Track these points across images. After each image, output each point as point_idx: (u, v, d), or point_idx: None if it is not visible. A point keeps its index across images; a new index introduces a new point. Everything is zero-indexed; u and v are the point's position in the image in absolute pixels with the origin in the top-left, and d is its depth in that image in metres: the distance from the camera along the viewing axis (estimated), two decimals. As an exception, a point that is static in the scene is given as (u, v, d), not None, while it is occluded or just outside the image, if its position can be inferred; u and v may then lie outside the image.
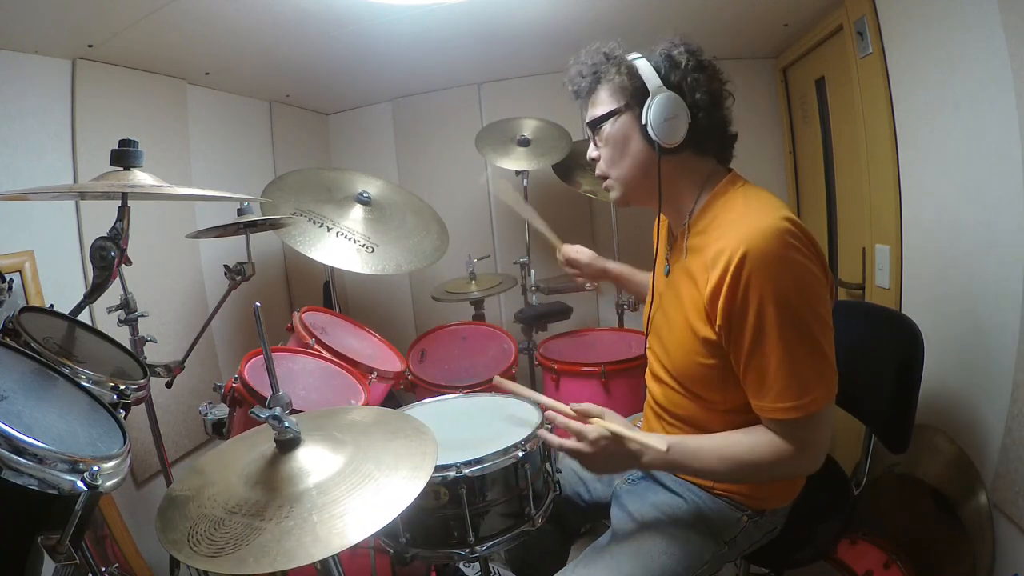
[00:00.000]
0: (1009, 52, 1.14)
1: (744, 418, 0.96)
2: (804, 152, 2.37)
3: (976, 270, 1.32)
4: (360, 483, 0.75)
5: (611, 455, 0.96)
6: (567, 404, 1.03)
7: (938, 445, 1.39)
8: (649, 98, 0.94)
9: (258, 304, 0.83)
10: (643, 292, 1.31)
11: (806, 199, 2.38)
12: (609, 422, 0.97)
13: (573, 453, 0.97)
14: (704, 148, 1.00)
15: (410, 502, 0.72)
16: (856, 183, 1.82)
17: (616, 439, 0.95)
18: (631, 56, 1.00)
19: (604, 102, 1.01)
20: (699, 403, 1.02)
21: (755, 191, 0.97)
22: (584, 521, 1.36)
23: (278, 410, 0.81)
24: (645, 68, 0.96)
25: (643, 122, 0.95)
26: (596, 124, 1.03)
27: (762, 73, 2.48)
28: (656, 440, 0.93)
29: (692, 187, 1.01)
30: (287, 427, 0.80)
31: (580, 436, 0.96)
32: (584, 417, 1.00)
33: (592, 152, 1.07)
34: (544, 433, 1.03)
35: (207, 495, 0.77)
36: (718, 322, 0.90)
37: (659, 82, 0.95)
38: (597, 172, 1.07)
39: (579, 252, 1.45)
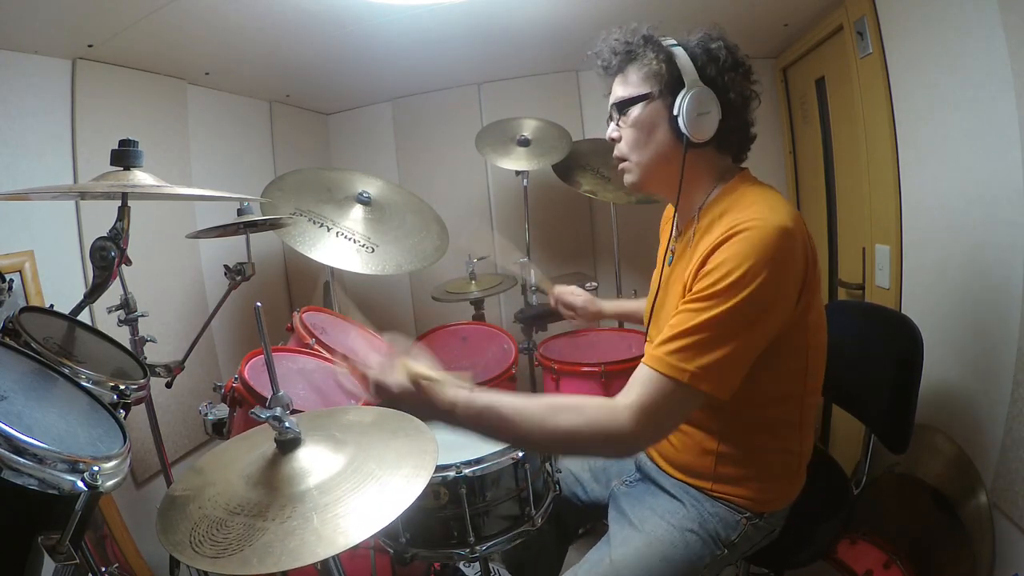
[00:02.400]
0: (1009, 52, 1.14)
1: (736, 413, 0.96)
2: (804, 152, 2.37)
3: (976, 270, 1.32)
4: (363, 482, 0.75)
5: (407, 401, 0.87)
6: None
7: (938, 445, 1.39)
8: (684, 90, 0.93)
9: (259, 304, 0.83)
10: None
11: (806, 199, 2.38)
12: (413, 363, 0.88)
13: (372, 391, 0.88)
14: (726, 146, 1.00)
15: (414, 500, 0.72)
16: (856, 183, 1.82)
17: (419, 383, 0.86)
18: (668, 42, 0.98)
19: (635, 84, 0.99)
20: None
21: (766, 191, 0.97)
22: (582, 522, 1.36)
23: (279, 410, 0.81)
24: (683, 58, 0.95)
25: (674, 113, 0.94)
26: (624, 106, 1.00)
27: (762, 73, 2.43)
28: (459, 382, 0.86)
29: (707, 181, 1.01)
30: (288, 427, 0.80)
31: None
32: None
33: (612, 132, 1.04)
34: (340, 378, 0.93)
35: (208, 495, 0.77)
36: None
37: (696, 75, 0.94)
38: (616, 153, 1.05)
39: (574, 295, 1.38)
